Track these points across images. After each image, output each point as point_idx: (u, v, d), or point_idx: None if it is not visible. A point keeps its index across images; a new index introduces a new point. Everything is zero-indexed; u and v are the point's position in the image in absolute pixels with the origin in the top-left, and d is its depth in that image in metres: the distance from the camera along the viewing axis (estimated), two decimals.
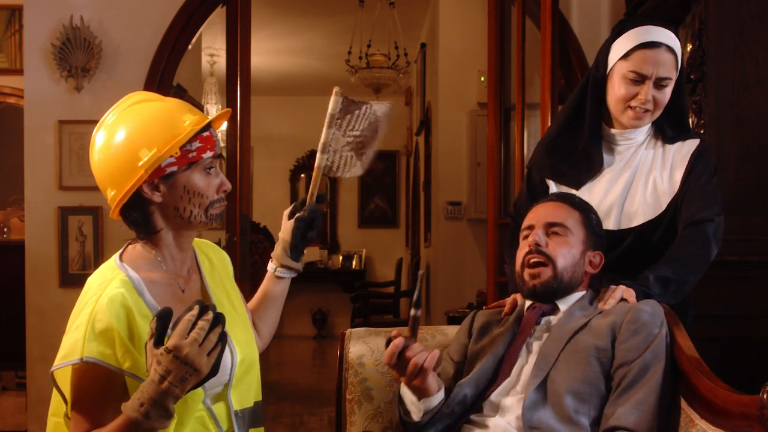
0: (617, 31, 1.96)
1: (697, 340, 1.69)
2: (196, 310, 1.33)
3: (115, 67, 3.86)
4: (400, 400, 1.73)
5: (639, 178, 1.96)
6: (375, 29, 6.23)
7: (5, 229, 5.82)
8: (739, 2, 2.64)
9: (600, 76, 1.99)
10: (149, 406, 1.29)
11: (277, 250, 1.77)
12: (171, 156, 1.47)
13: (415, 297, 1.57)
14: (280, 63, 8.09)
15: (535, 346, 1.74)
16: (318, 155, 1.75)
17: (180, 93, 5.06)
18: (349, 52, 6.46)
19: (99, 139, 1.51)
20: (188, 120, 1.50)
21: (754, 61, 2.63)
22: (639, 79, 1.90)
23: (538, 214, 1.86)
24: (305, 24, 6.94)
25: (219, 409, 1.54)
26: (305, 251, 1.81)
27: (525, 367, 1.71)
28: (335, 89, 1.75)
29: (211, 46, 7.09)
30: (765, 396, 1.29)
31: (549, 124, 3.24)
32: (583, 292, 1.82)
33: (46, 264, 3.86)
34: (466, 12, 5.52)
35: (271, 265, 1.80)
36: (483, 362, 1.74)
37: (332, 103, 1.74)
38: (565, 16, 3.82)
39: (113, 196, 1.49)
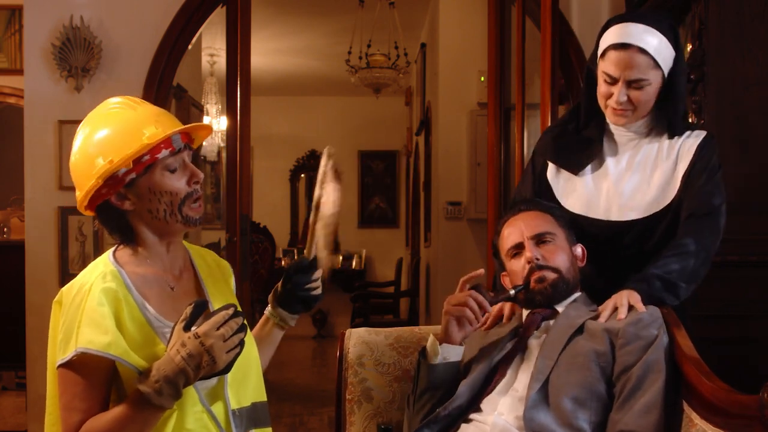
0: (604, 27, 1.94)
1: (697, 340, 1.69)
2: (231, 310, 1.42)
3: (115, 67, 3.86)
4: (423, 350, 1.81)
5: (643, 170, 1.94)
6: (375, 29, 6.23)
7: (5, 229, 5.82)
8: (739, 2, 2.63)
9: (592, 70, 1.98)
10: (164, 383, 1.37)
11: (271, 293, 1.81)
12: (124, 167, 1.49)
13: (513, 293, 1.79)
14: (280, 63, 8.08)
15: (533, 345, 1.74)
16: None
17: (180, 93, 5.06)
18: (349, 52, 6.45)
19: (75, 139, 1.56)
20: (148, 132, 1.50)
21: (754, 61, 2.63)
22: (610, 80, 1.88)
23: (519, 230, 1.84)
24: (305, 24, 6.93)
25: (217, 408, 1.55)
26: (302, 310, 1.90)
27: (522, 366, 1.71)
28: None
29: (211, 46, 7.09)
30: (765, 396, 1.29)
31: (549, 124, 3.24)
32: (578, 294, 1.84)
33: (46, 264, 3.85)
34: (466, 12, 5.51)
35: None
36: (480, 366, 1.74)
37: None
38: (565, 16, 3.81)
39: (78, 197, 1.55)
